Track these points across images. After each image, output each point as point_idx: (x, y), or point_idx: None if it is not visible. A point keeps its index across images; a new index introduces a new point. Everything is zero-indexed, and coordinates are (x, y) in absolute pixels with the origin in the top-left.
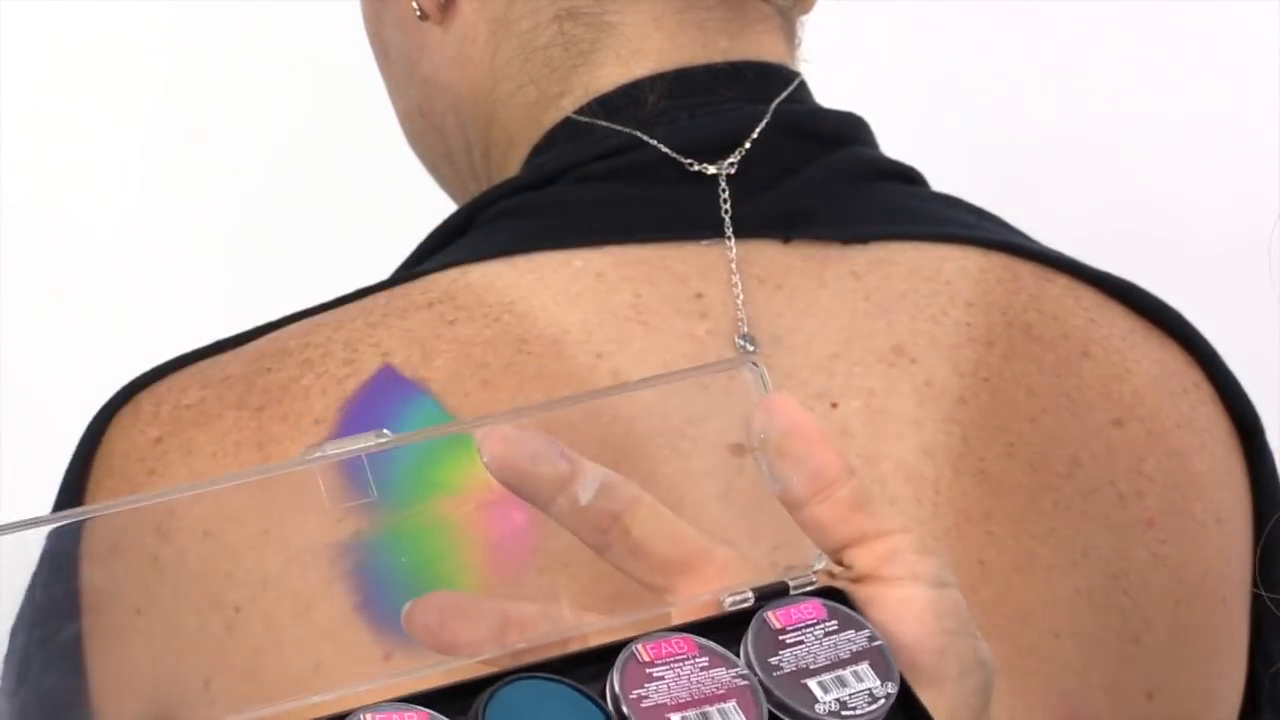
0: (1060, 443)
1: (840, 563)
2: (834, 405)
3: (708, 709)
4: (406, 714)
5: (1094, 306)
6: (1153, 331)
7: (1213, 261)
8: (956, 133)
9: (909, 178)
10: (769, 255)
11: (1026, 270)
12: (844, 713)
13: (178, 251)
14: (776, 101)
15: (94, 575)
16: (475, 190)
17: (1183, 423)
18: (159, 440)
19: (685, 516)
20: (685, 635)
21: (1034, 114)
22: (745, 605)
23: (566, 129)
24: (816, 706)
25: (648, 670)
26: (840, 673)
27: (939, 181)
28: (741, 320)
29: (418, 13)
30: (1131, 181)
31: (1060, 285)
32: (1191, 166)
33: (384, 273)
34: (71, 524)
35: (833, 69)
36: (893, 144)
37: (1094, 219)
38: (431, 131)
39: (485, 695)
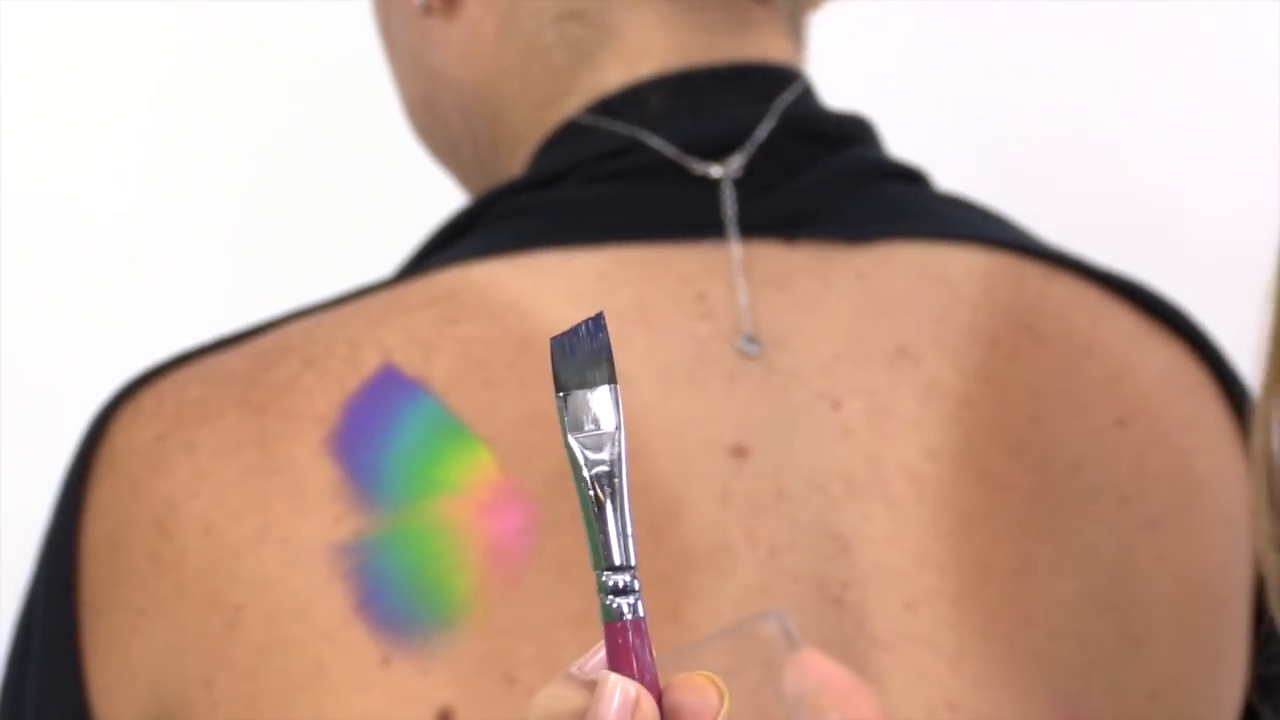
0: (1063, 443)
1: None
2: (836, 406)
3: None
4: None
5: (1098, 305)
6: (1157, 330)
7: (1218, 260)
8: (966, 132)
9: (913, 178)
10: (773, 256)
11: (1031, 270)
12: None
13: (180, 249)
14: (781, 103)
15: (95, 573)
16: (483, 184)
17: (1187, 422)
18: (161, 437)
19: (684, 519)
20: None
21: (1041, 113)
22: None
23: (571, 130)
24: None
25: None
26: None
27: (948, 181)
28: (744, 321)
29: (420, 5)
30: (1140, 180)
31: (1064, 284)
32: (1201, 165)
33: (387, 271)
34: (70, 522)
35: (843, 69)
36: (902, 144)
37: (1103, 217)
38: (436, 124)
39: None
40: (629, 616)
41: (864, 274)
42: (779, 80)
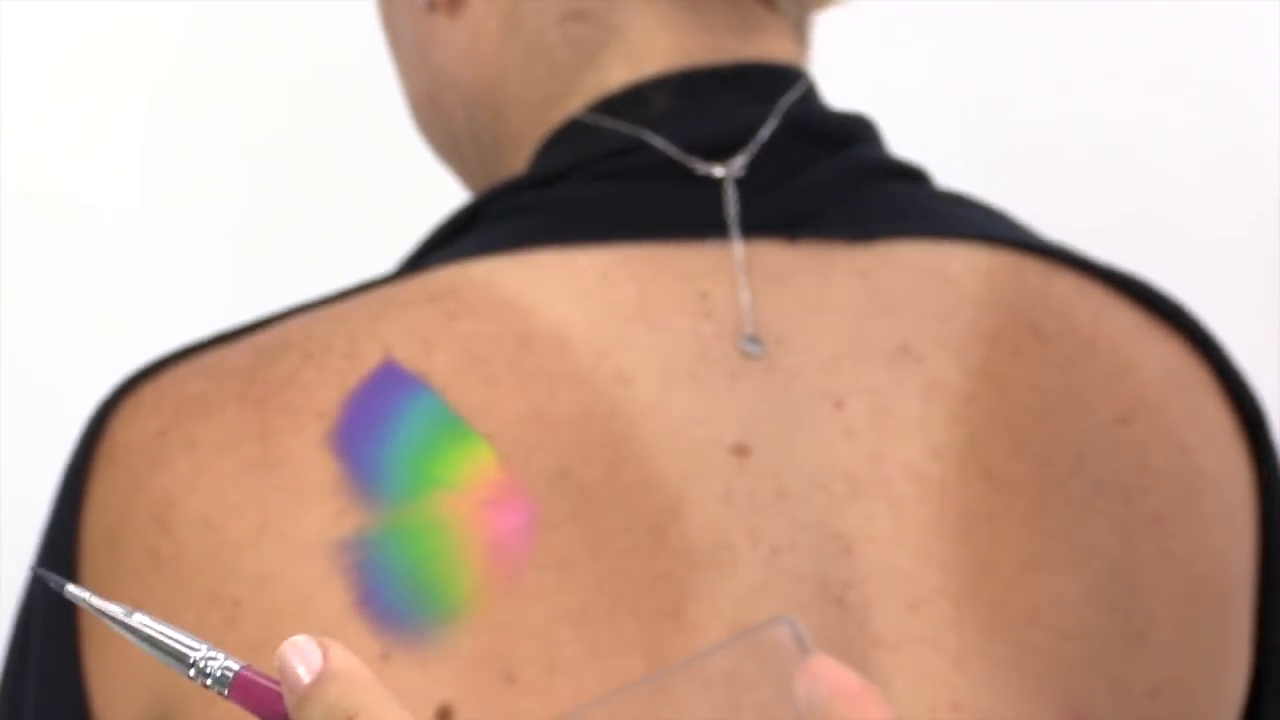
0: (1067, 440)
1: None
2: (839, 405)
3: None
4: None
5: (1100, 302)
6: (1158, 326)
7: (1220, 256)
8: (981, 135)
9: (915, 176)
10: (775, 255)
11: (1033, 266)
12: None
13: (181, 245)
14: (785, 103)
15: (94, 567)
16: (484, 180)
17: (1189, 418)
18: (161, 432)
19: (685, 518)
20: None
21: (1048, 111)
22: None
23: (573, 129)
24: None
25: None
26: None
27: (963, 182)
28: (746, 320)
29: (424, 2)
30: (1146, 179)
31: (1066, 281)
32: (1208, 165)
33: (387, 267)
34: (70, 516)
35: (860, 74)
36: (918, 147)
37: (1109, 217)
38: (439, 120)
39: None
40: (236, 668)
41: (866, 273)
42: (782, 80)
